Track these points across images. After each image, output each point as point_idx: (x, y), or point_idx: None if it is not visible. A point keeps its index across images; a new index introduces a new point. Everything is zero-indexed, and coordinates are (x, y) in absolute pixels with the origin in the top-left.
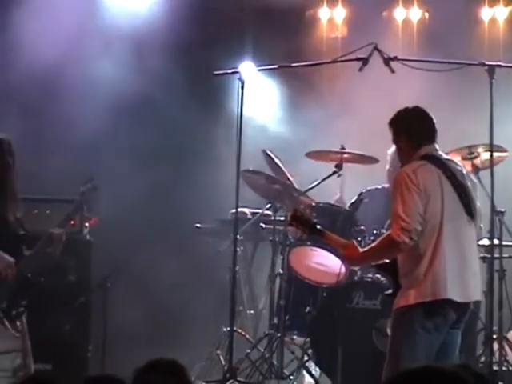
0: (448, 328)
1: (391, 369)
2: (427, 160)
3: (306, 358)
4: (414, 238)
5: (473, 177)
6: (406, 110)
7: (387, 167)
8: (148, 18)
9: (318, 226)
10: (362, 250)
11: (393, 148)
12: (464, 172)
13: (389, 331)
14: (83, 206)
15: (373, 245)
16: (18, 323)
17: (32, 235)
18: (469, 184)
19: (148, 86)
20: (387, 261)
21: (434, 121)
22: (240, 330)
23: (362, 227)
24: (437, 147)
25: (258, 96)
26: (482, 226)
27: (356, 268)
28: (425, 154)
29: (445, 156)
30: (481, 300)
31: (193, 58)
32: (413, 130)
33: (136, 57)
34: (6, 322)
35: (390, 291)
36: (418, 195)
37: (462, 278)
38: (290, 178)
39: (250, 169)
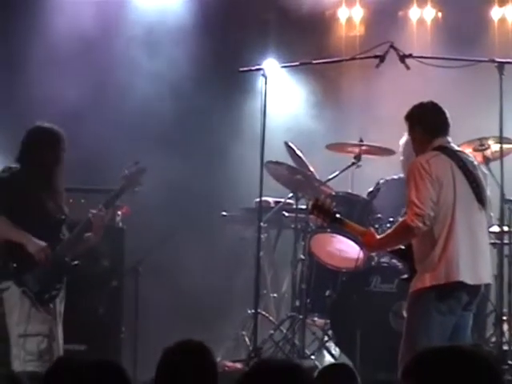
0: (461, 310)
1: (407, 348)
2: (440, 151)
3: (326, 338)
4: (427, 222)
5: (483, 168)
6: (422, 104)
7: (401, 158)
8: (178, 17)
9: (338, 215)
10: (379, 236)
11: (404, 139)
12: (475, 163)
13: (404, 313)
14: (124, 192)
15: (389, 231)
16: (50, 306)
17: (73, 221)
18: (479, 174)
19: (178, 80)
20: (403, 247)
21: (448, 115)
22: (264, 313)
23: (379, 215)
24: (449, 140)
25: (281, 91)
26: (492, 214)
27: (373, 254)
28: (438, 146)
29: (457, 148)
30: (491, 283)
31: (220, 56)
32: (427, 122)
33: (167, 54)
34: (39, 305)
35: (405, 276)
36: (431, 183)
37: (473, 261)
38: (311, 169)
39: (273, 160)
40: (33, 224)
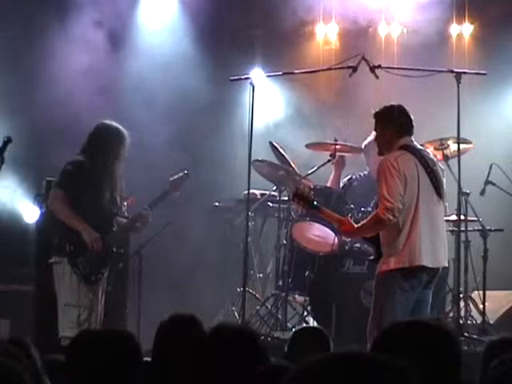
0: (421, 288)
1: (374, 322)
2: (405, 150)
3: (305, 313)
4: (397, 214)
5: (441, 164)
6: (391, 105)
7: (364, 156)
8: (172, 33)
9: (316, 203)
10: (356, 225)
11: (367, 140)
12: (434, 160)
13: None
14: (168, 195)
15: (364, 222)
16: (94, 286)
17: (122, 215)
18: (438, 169)
19: (180, 87)
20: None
21: (412, 117)
22: (251, 291)
23: (352, 205)
24: (413, 139)
25: (267, 97)
26: (446, 204)
27: (347, 239)
28: (403, 145)
29: (419, 146)
30: (447, 266)
31: (212, 66)
32: (395, 122)
33: (165, 67)
34: (85, 283)
35: (372, 257)
36: (399, 179)
37: (433, 247)
38: (293, 165)
39: (260, 158)
40: (90, 213)
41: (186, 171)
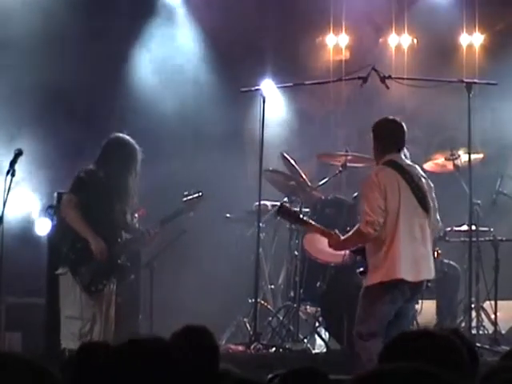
0: (403, 302)
1: (356, 332)
2: (388, 165)
3: (317, 324)
4: (377, 228)
5: (429, 181)
6: (383, 121)
7: None
8: (182, 43)
9: (302, 217)
10: (341, 239)
11: None
12: (420, 175)
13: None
14: (181, 215)
15: (348, 235)
16: (97, 298)
17: (132, 227)
18: (424, 185)
19: (191, 98)
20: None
21: (405, 130)
22: (263, 302)
23: None
24: (401, 155)
25: (277, 108)
26: (438, 218)
27: None
28: (388, 160)
29: (407, 162)
30: (432, 278)
31: (222, 78)
32: (384, 139)
33: (175, 79)
34: (86, 294)
35: (361, 269)
36: (379, 193)
37: (414, 260)
38: (304, 176)
39: (270, 168)
40: (98, 222)
41: (200, 193)
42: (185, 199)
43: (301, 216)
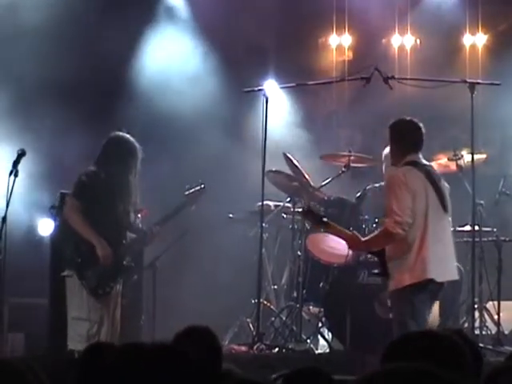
0: (432, 302)
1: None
2: (413, 165)
3: (320, 324)
4: (406, 228)
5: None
6: (403, 120)
7: (383, 167)
8: (185, 44)
9: (325, 219)
10: (363, 239)
11: (386, 150)
12: (439, 176)
13: (388, 302)
14: (184, 209)
15: (372, 236)
16: (105, 300)
17: (135, 227)
18: (443, 185)
19: (196, 100)
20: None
21: (423, 131)
22: (265, 302)
23: (366, 216)
24: (420, 156)
25: (280, 109)
26: (450, 219)
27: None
28: (410, 161)
29: (426, 162)
30: (458, 279)
31: (225, 78)
32: (404, 139)
33: (178, 79)
34: (93, 297)
35: (376, 271)
36: (408, 193)
37: (442, 261)
38: (306, 177)
39: (273, 169)
40: (102, 224)
41: (202, 185)
42: (187, 193)
43: (324, 219)
